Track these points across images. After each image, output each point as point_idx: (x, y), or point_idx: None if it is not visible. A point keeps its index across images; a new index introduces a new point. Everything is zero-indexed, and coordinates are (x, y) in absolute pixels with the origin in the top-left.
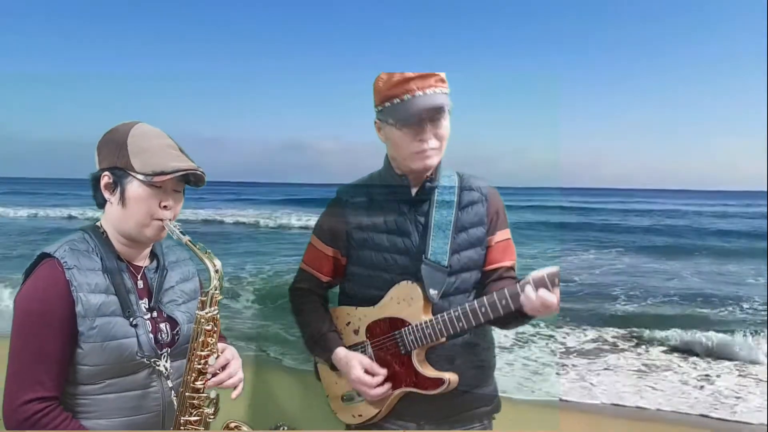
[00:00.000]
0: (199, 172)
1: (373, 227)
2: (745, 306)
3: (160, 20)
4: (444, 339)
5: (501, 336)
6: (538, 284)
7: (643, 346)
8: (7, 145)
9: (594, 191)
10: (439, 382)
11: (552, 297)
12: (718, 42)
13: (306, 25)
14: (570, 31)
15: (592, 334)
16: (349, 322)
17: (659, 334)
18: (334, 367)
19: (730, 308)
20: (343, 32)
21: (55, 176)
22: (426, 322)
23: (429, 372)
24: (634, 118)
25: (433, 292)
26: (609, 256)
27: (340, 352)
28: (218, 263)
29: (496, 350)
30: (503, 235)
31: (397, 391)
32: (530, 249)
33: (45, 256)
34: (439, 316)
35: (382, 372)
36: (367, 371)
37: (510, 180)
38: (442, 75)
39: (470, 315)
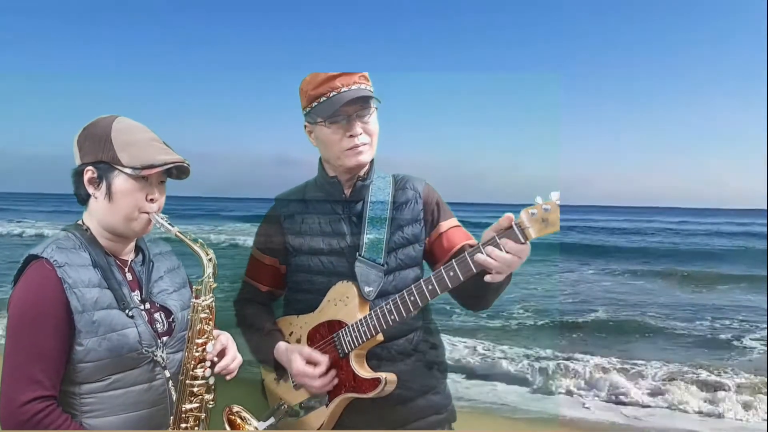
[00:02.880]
0: (185, 165)
1: (309, 231)
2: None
3: (147, 34)
4: (380, 336)
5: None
6: (487, 243)
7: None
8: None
9: (588, 209)
10: (376, 382)
11: (515, 244)
12: (715, 58)
13: (297, 40)
14: (568, 48)
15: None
16: (291, 332)
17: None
18: (279, 371)
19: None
20: (336, 41)
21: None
22: (359, 321)
23: (366, 373)
24: (630, 137)
25: (368, 289)
26: (600, 274)
27: (281, 346)
28: (211, 252)
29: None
30: (452, 222)
31: (338, 399)
32: (529, 267)
33: (32, 257)
34: (371, 311)
35: (323, 360)
36: (308, 362)
37: (505, 197)
38: (366, 74)
39: (400, 305)
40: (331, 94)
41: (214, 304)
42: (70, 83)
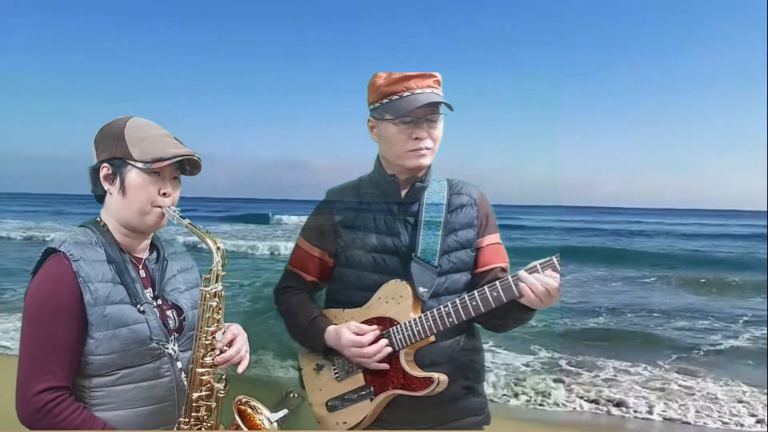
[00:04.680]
0: (195, 158)
1: (363, 227)
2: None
3: (152, 34)
4: (433, 337)
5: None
6: (531, 271)
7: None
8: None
9: (589, 210)
10: (428, 381)
11: (550, 279)
12: (715, 60)
13: (303, 43)
14: (569, 49)
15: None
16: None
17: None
18: (327, 353)
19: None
20: (337, 42)
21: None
22: (415, 320)
23: (417, 372)
24: (631, 138)
25: (422, 290)
26: (602, 277)
27: (331, 328)
28: (219, 241)
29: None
30: (493, 239)
31: (384, 395)
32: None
33: (51, 251)
34: (428, 312)
35: (371, 328)
36: (356, 333)
37: (507, 198)
38: (439, 77)
39: (461, 309)
40: (405, 94)
41: (223, 293)
42: (73, 84)
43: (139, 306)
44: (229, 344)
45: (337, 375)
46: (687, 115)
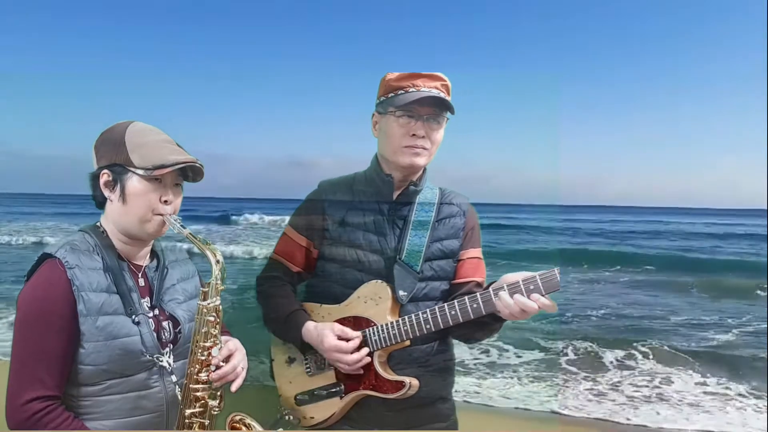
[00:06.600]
0: (197, 165)
1: (351, 223)
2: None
3: (159, 34)
4: (408, 342)
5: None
6: (513, 290)
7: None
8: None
9: (592, 209)
10: (400, 385)
11: (529, 302)
12: (718, 60)
13: (309, 44)
14: (570, 48)
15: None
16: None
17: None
18: (303, 348)
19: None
20: (339, 41)
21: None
22: (392, 323)
23: (389, 375)
24: (633, 136)
25: (402, 293)
26: (603, 279)
27: (310, 325)
28: (219, 255)
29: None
30: (475, 252)
31: (354, 394)
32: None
33: (46, 256)
34: (406, 317)
35: (356, 334)
36: (340, 337)
37: (507, 197)
38: (448, 83)
39: (439, 317)
40: (410, 89)
41: (221, 307)
42: (73, 84)
43: (133, 317)
44: (226, 360)
45: (308, 369)
46: (687, 115)
